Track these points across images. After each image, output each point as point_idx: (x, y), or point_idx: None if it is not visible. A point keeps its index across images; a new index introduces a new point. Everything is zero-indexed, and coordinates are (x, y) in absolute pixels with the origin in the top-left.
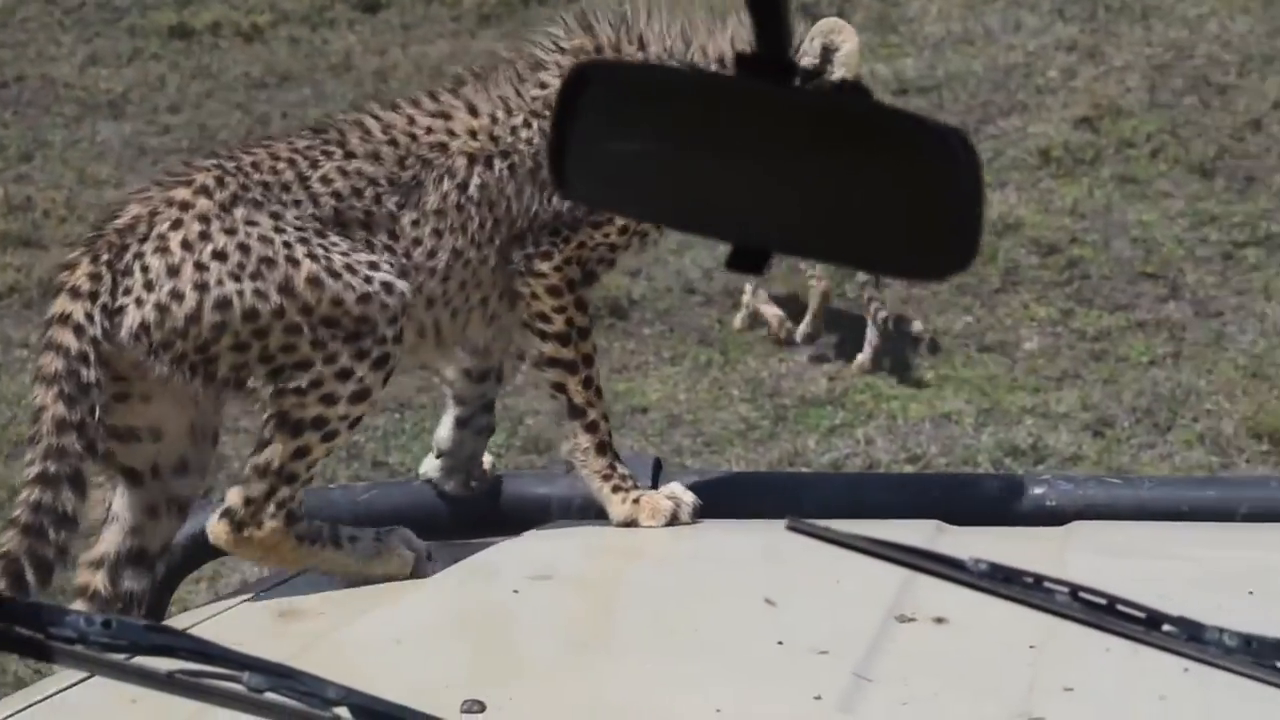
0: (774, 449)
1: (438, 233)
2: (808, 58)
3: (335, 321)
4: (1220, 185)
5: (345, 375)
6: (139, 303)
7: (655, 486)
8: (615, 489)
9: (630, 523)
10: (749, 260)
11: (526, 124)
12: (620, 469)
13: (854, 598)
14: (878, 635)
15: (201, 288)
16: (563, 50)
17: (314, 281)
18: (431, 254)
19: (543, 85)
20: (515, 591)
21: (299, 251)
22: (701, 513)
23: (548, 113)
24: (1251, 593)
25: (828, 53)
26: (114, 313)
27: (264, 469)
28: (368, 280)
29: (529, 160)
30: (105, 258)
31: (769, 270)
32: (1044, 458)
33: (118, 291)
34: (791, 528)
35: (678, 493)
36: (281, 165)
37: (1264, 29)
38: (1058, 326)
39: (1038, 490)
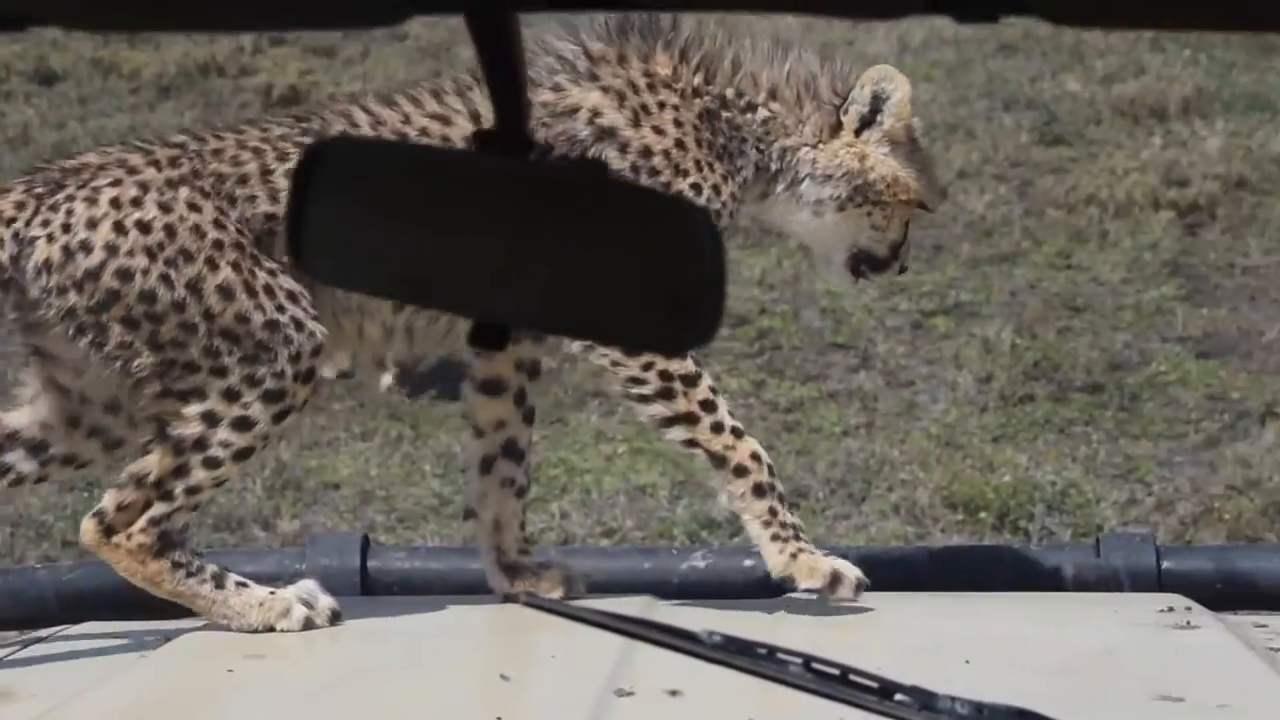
0: (468, 525)
1: None
2: (857, 105)
3: (235, 338)
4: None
5: (231, 397)
6: (50, 239)
7: (364, 565)
8: (774, 537)
9: (787, 577)
10: (490, 336)
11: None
12: (783, 515)
13: (581, 672)
14: (595, 710)
15: (111, 249)
16: (589, 58)
17: (225, 291)
18: None
19: (556, 89)
20: (230, 670)
21: (225, 257)
22: (440, 588)
23: (553, 121)
24: (968, 661)
25: (878, 101)
26: (25, 242)
27: (140, 478)
28: (280, 309)
29: None
30: (38, 190)
31: (511, 345)
32: (739, 530)
33: (34, 223)
34: (527, 603)
35: (841, 567)
36: (246, 155)
37: (947, 97)
38: (750, 398)
39: (748, 563)
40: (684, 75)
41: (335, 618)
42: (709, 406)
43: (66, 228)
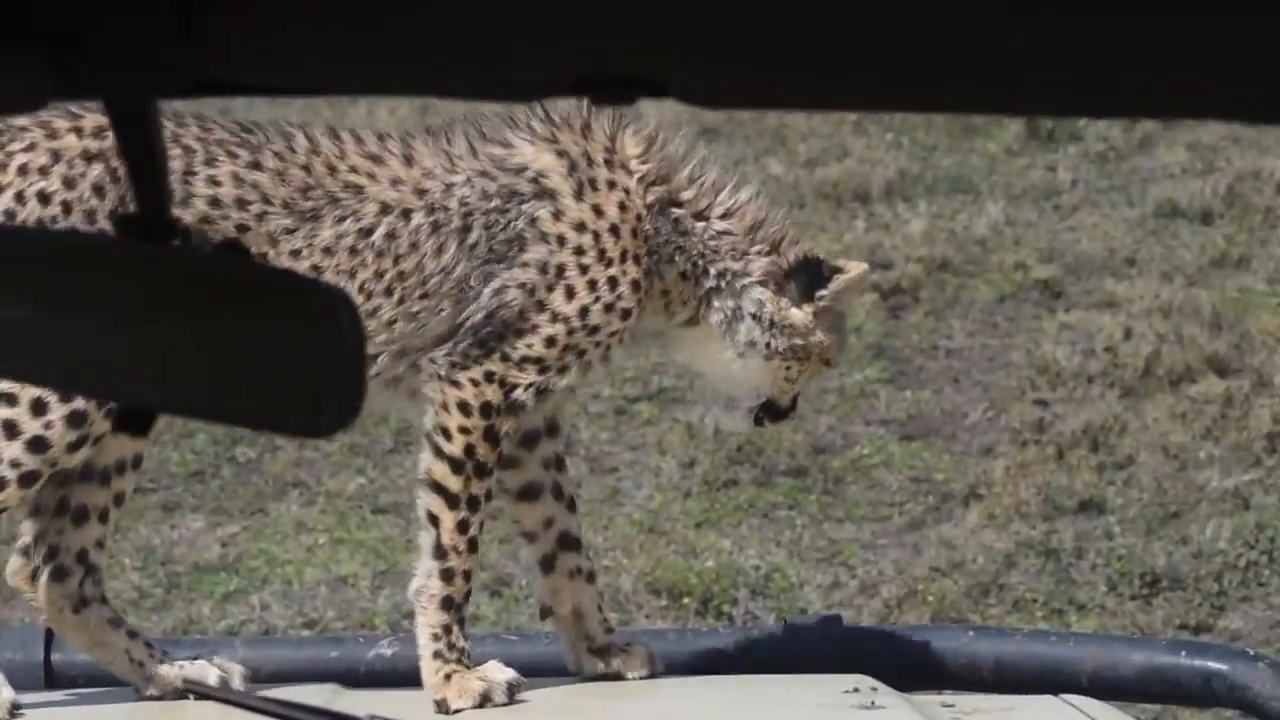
0: (168, 617)
1: (316, 269)
2: (829, 297)
3: None
4: None
5: (38, 409)
6: None
7: (48, 657)
8: (436, 654)
9: (439, 699)
10: (135, 421)
11: (469, 182)
12: (455, 635)
13: None
14: None
15: (9, 216)
16: (551, 122)
17: None
18: None
19: (505, 144)
20: None
21: None
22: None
23: (499, 174)
24: None
25: (847, 290)
26: None
27: None
28: None
29: (456, 219)
30: None
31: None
32: None
33: None
34: (187, 689)
35: (490, 674)
36: (173, 151)
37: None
38: None
39: None
40: (652, 158)
41: (14, 711)
42: (473, 505)
43: None
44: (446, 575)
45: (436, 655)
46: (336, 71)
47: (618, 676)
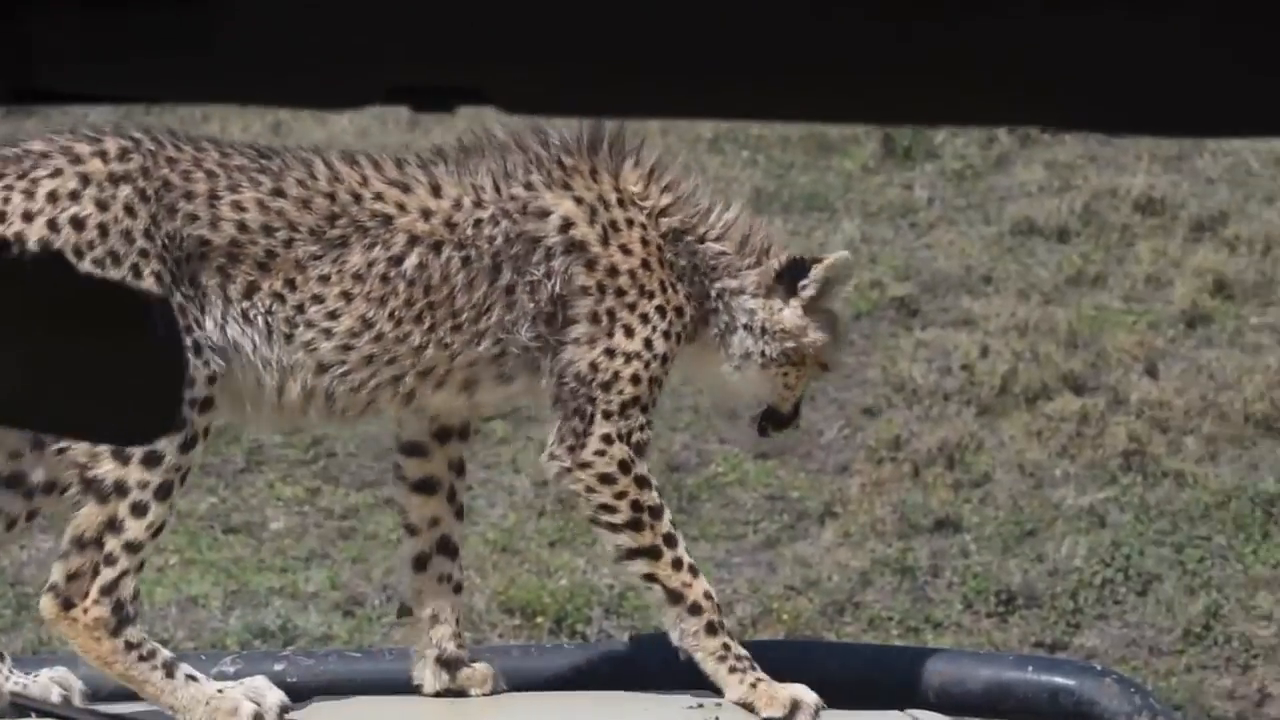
0: (18, 638)
1: (346, 295)
2: (814, 283)
3: None
4: None
5: None
6: None
7: None
8: (731, 670)
9: (747, 706)
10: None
11: (494, 221)
12: (735, 649)
13: None
14: None
15: (43, 246)
16: (562, 165)
17: None
18: (332, 315)
19: (529, 187)
20: None
21: (149, 266)
22: None
23: (521, 218)
24: None
25: (830, 284)
26: None
27: (81, 541)
28: (187, 331)
29: (487, 258)
30: None
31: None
32: (294, 638)
33: None
34: (15, 702)
35: (799, 689)
36: (198, 175)
37: None
38: (305, 505)
39: (278, 667)
40: (653, 193)
41: (284, 713)
42: (671, 542)
43: (2, 218)
44: (694, 610)
45: (733, 671)
46: (155, 80)
47: (461, 692)
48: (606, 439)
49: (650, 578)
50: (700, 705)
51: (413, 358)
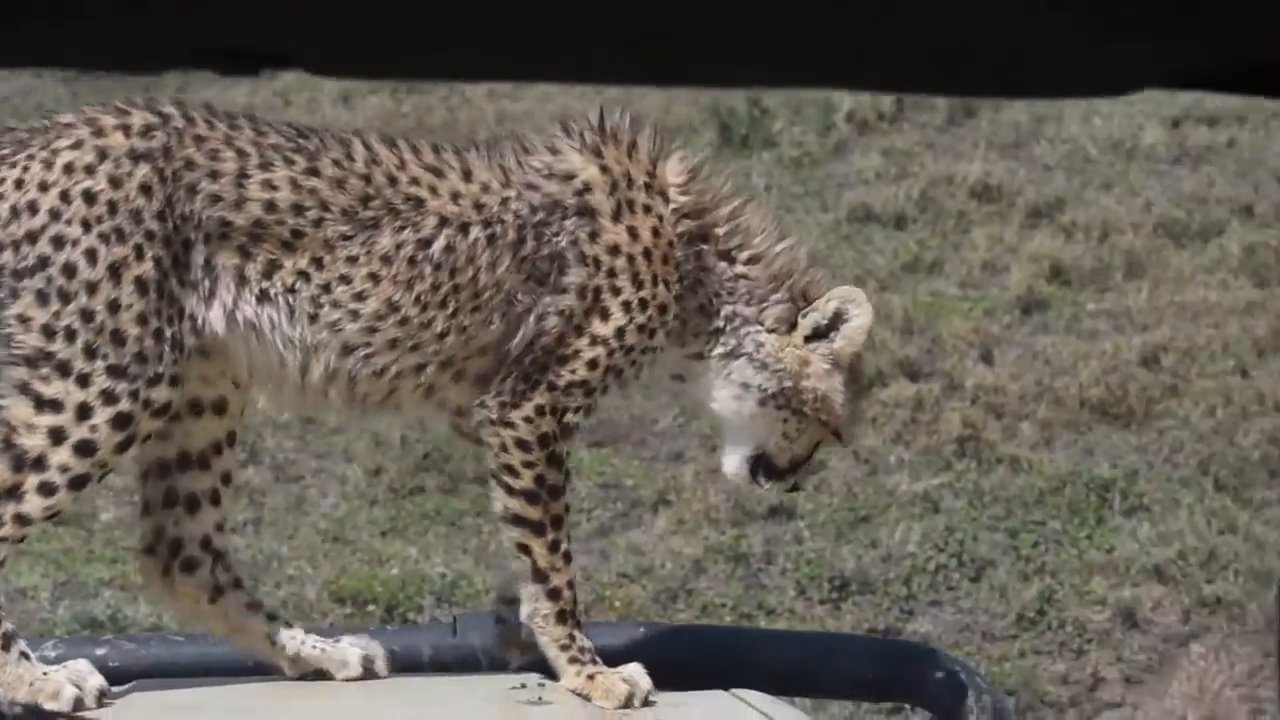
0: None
1: (374, 277)
2: (817, 314)
3: (122, 341)
4: None
5: (83, 414)
6: (1, 197)
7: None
8: (571, 660)
9: (582, 695)
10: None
11: (520, 196)
12: (580, 640)
13: None
14: None
15: (54, 215)
16: (600, 132)
17: (141, 285)
18: (359, 296)
19: (554, 150)
20: None
21: (152, 250)
22: None
23: (544, 182)
24: None
25: (838, 319)
26: None
27: None
28: (170, 321)
29: (512, 232)
30: (4, 152)
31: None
32: (124, 628)
33: None
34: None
35: (635, 675)
36: (227, 154)
37: None
38: (135, 496)
39: (100, 651)
40: (689, 191)
41: (102, 698)
42: (556, 524)
43: (19, 184)
44: (553, 594)
45: (572, 661)
46: None
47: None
48: (540, 410)
49: (524, 549)
50: (523, 685)
51: (435, 344)
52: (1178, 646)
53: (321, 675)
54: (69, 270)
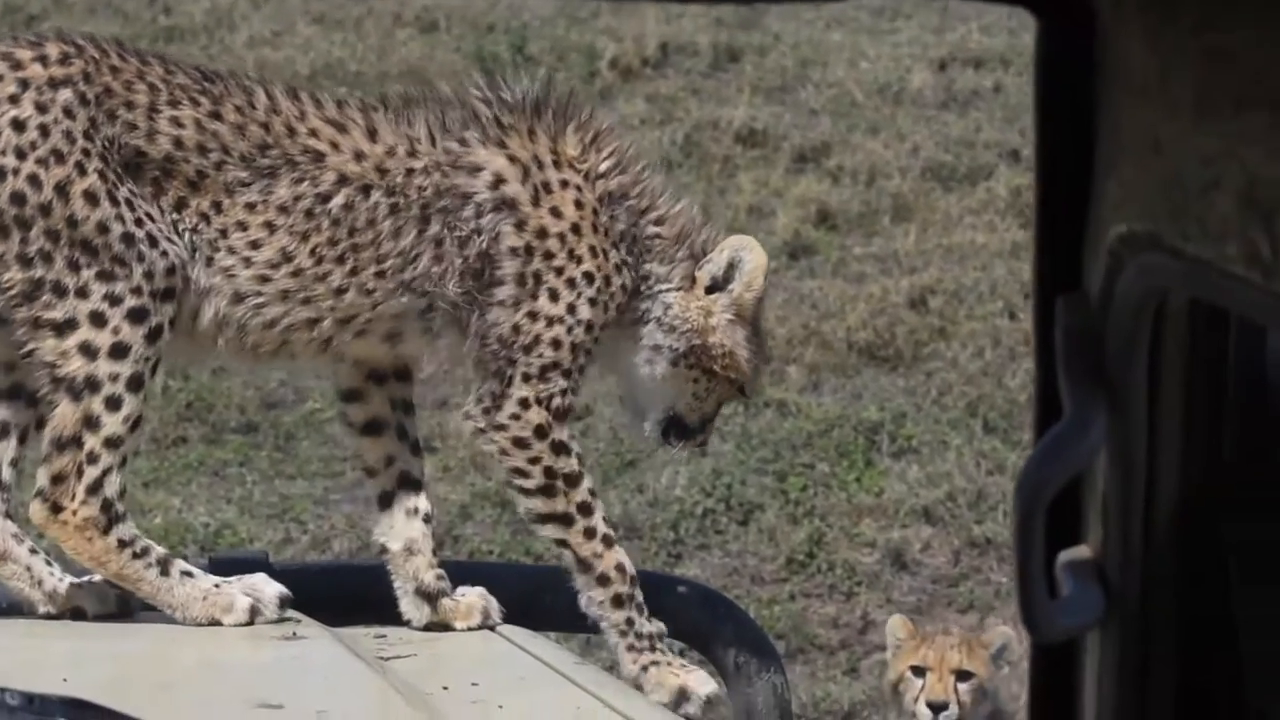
0: None
1: (270, 226)
2: (712, 265)
3: (94, 250)
4: None
5: (99, 321)
6: None
7: None
8: (629, 648)
9: (636, 686)
10: None
11: (426, 172)
12: (639, 625)
13: None
14: None
15: None
16: (499, 124)
17: (90, 196)
18: (254, 245)
19: (463, 142)
20: None
21: (92, 164)
22: None
23: (452, 171)
24: (65, 680)
25: (732, 268)
26: None
27: (60, 441)
28: (138, 223)
29: (416, 208)
30: None
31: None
32: None
33: None
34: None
35: (691, 683)
36: (140, 86)
37: None
38: None
39: None
40: (591, 158)
41: (284, 605)
42: (585, 510)
43: None
44: (603, 580)
45: (630, 649)
46: None
47: (445, 625)
48: (523, 403)
49: (561, 543)
50: (294, 635)
51: (332, 299)
52: (947, 588)
53: (79, 614)
54: (18, 199)
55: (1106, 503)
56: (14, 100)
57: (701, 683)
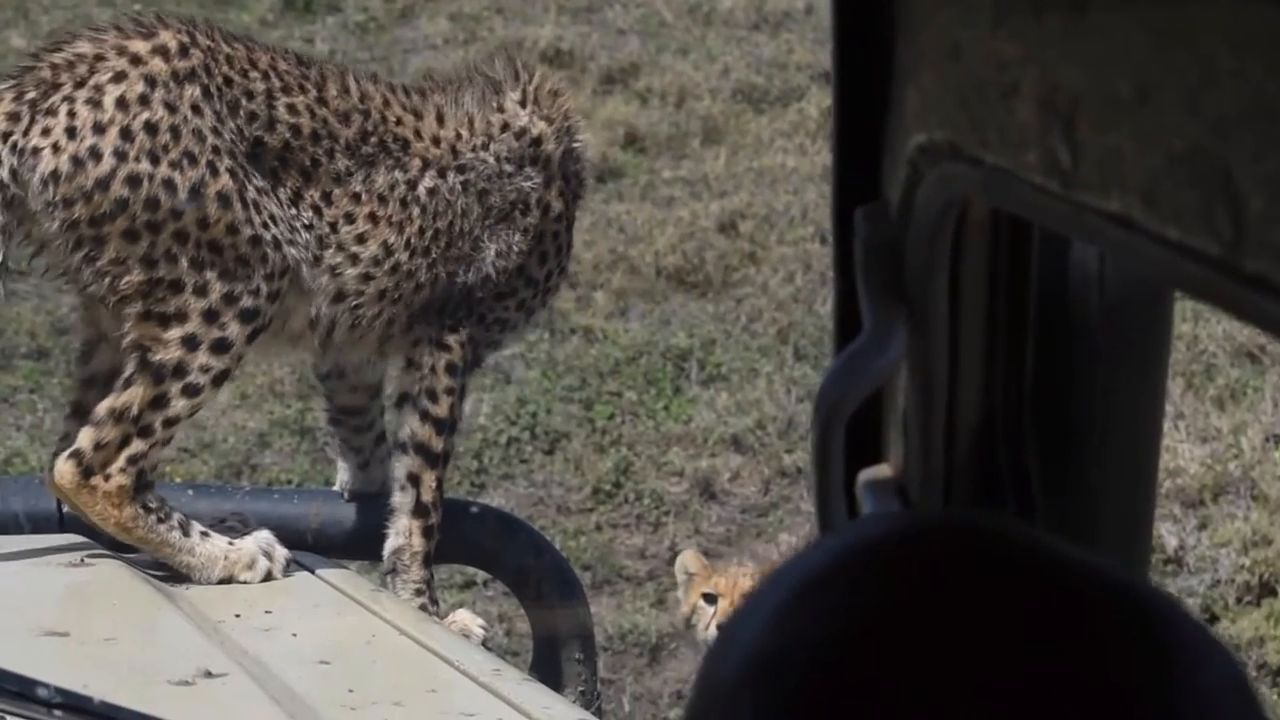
0: None
1: (374, 218)
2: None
3: (220, 250)
4: None
5: (210, 318)
6: (55, 149)
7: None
8: (422, 608)
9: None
10: None
11: (485, 145)
12: (432, 590)
13: None
14: None
15: (120, 156)
16: (523, 97)
17: (223, 199)
18: (360, 239)
19: (500, 109)
20: None
21: (224, 163)
22: None
23: (503, 138)
24: None
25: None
26: (26, 153)
27: (120, 413)
28: (265, 226)
29: (482, 181)
30: (30, 96)
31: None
32: None
33: (34, 131)
34: None
35: (463, 618)
36: (255, 74)
37: None
38: None
39: None
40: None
41: (288, 566)
42: (446, 460)
43: (71, 133)
44: (427, 532)
45: (422, 609)
46: None
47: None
48: (470, 339)
49: (415, 480)
50: (82, 561)
51: (413, 297)
52: (756, 517)
53: None
54: (151, 204)
55: (907, 420)
56: (144, 102)
57: (472, 618)
